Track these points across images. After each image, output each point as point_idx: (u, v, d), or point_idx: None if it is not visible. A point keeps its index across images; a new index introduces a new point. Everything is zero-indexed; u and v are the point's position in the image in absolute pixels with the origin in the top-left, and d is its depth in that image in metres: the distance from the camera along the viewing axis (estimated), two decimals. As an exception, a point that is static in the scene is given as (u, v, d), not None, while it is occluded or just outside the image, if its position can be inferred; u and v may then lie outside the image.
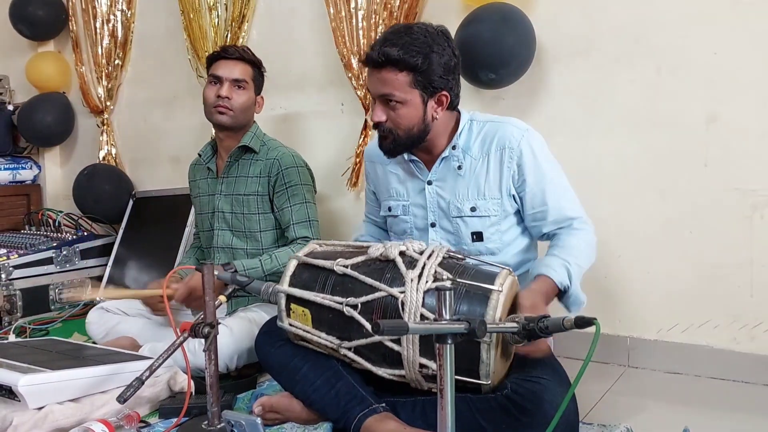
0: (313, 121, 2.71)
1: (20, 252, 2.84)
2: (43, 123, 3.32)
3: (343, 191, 2.61)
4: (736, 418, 1.69)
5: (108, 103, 3.32)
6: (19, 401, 1.53)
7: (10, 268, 2.75)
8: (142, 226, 3.06)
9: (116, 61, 3.26)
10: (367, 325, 1.43)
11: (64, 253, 2.95)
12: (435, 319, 1.13)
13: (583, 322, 1.15)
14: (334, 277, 1.52)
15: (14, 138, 3.49)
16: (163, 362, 1.38)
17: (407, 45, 1.55)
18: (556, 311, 1.42)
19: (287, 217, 2.12)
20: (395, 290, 1.42)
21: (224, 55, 2.15)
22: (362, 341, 1.46)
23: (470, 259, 1.54)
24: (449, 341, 1.07)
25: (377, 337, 1.41)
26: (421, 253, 1.47)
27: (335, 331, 1.51)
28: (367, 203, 1.99)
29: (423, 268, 1.43)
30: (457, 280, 1.40)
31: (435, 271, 1.42)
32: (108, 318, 2.21)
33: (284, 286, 1.56)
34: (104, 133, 3.32)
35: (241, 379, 1.89)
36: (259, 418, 1.38)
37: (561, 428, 1.24)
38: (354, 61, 2.49)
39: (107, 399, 1.62)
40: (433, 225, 1.74)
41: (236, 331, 1.90)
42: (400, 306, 1.40)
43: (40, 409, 1.53)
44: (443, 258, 1.47)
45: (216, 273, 1.48)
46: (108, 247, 3.11)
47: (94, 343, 2.14)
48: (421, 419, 1.46)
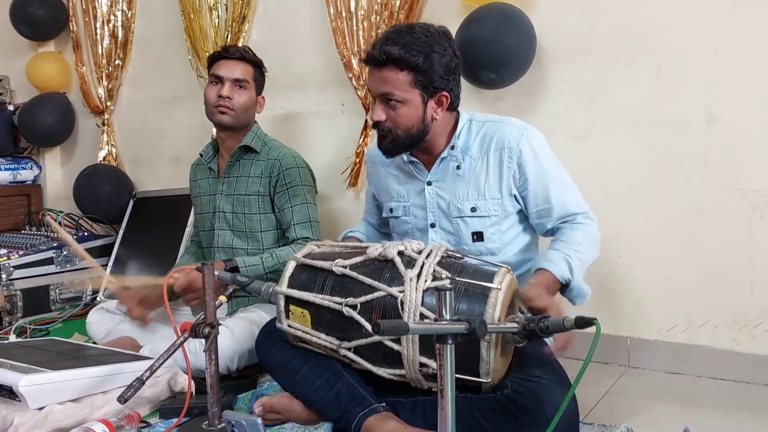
0: (313, 121, 2.71)
1: (21, 252, 2.84)
2: (44, 123, 3.32)
3: (342, 191, 2.61)
4: (736, 418, 1.69)
5: (108, 104, 3.32)
6: (19, 401, 1.54)
7: (11, 269, 2.75)
8: (143, 226, 3.06)
9: (116, 62, 3.27)
10: (367, 325, 1.43)
11: (65, 253, 2.95)
12: (435, 319, 1.13)
13: (583, 323, 1.15)
14: (332, 277, 1.52)
15: (15, 138, 3.50)
16: (163, 362, 1.38)
17: (408, 44, 1.55)
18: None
19: (288, 217, 2.12)
20: (394, 290, 1.42)
21: (225, 55, 2.15)
22: (362, 341, 1.46)
23: (468, 258, 1.53)
24: (450, 341, 1.07)
25: (377, 337, 1.41)
26: (419, 253, 1.47)
27: (335, 332, 1.50)
28: (366, 204, 2.00)
29: (422, 268, 1.42)
30: (456, 278, 1.40)
31: (434, 270, 1.42)
32: (108, 318, 2.22)
33: (283, 287, 1.55)
34: (104, 133, 3.33)
35: (242, 380, 1.89)
36: (259, 419, 1.38)
37: (561, 428, 1.23)
38: (354, 61, 2.49)
39: (108, 399, 1.62)
40: (432, 225, 1.74)
41: (237, 332, 1.91)
42: (399, 305, 1.40)
43: (40, 409, 1.53)
44: (442, 257, 1.47)
45: (216, 273, 1.48)
46: (108, 247, 3.11)
47: (94, 343, 2.15)
48: (422, 419, 1.45)
